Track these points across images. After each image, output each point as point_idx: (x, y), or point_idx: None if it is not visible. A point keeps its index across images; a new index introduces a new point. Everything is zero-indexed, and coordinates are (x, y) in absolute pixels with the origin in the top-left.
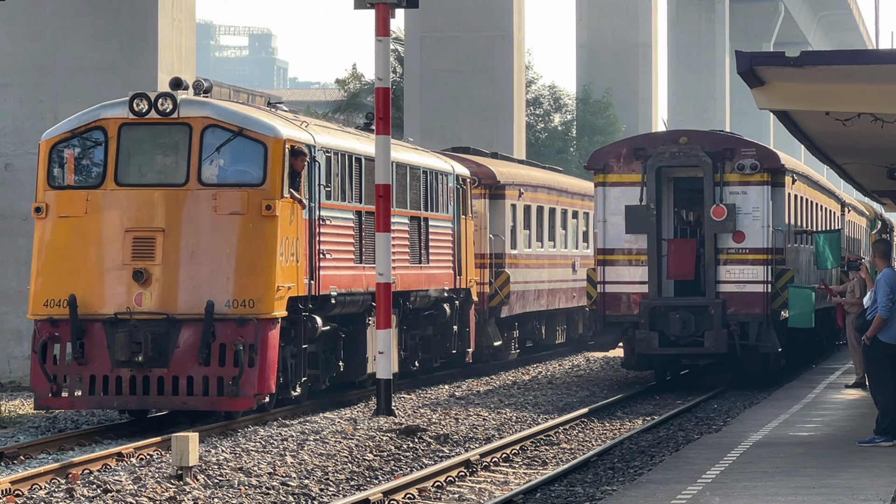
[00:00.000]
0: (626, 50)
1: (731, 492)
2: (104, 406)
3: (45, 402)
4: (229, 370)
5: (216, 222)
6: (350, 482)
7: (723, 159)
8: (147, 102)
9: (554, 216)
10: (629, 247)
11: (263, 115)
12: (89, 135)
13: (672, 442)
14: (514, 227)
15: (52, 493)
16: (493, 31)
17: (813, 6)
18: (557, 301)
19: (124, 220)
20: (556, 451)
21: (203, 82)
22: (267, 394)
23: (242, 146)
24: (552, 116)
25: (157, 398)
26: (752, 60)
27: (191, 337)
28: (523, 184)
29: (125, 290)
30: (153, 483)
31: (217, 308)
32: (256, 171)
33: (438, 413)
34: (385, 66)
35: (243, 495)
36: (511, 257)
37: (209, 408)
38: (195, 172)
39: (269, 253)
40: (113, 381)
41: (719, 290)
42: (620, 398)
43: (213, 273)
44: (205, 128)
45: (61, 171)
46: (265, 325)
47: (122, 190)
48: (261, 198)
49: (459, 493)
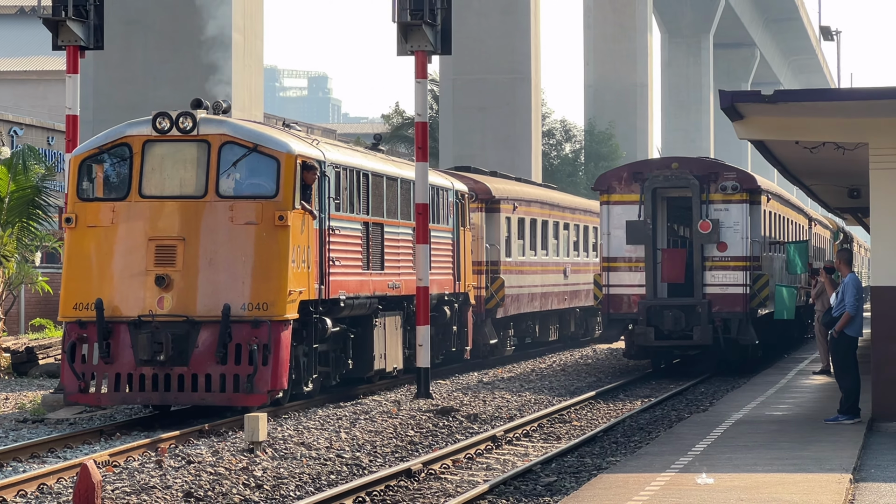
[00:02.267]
0: (627, 89)
1: (717, 462)
2: (128, 401)
3: (74, 398)
4: (244, 368)
5: (232, 231)
6: (395, 454)
7: (708, 182)
8: (169, 121)
9: (546, 228)
10: (629, 255)
11: (277, 132)
12: (115, 151)
13: (666, 420)
14: (509, 237)
15: (144, 464)
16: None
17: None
18: (550, 303)
19: (147, 230)
20: (568, 428)
21: (222, 103)
22: (280, 390)
23: (257, 161)
24: (564, 146)
25: (177, 394)
26: (733, 98)
27: (209, 337)
28: (517, 198)
29: (148, 294)
30: (229, 455)
31: (233, 311)
32: (270, 184)
33: (469, 396)
34: (423, 104)
35: (305, 465)
36: (506, 264)
37: (226, 403)
38: (213, 185)
39: (281, 260)
40: (137, 378)
41: (705, 291)
42: (622, 383)
43: (229, 278)
44: (222, 144)
45: (90, 185)
46: (278, 327)
47: (146, 202)
48: (274, 209)
49: (487, 464)
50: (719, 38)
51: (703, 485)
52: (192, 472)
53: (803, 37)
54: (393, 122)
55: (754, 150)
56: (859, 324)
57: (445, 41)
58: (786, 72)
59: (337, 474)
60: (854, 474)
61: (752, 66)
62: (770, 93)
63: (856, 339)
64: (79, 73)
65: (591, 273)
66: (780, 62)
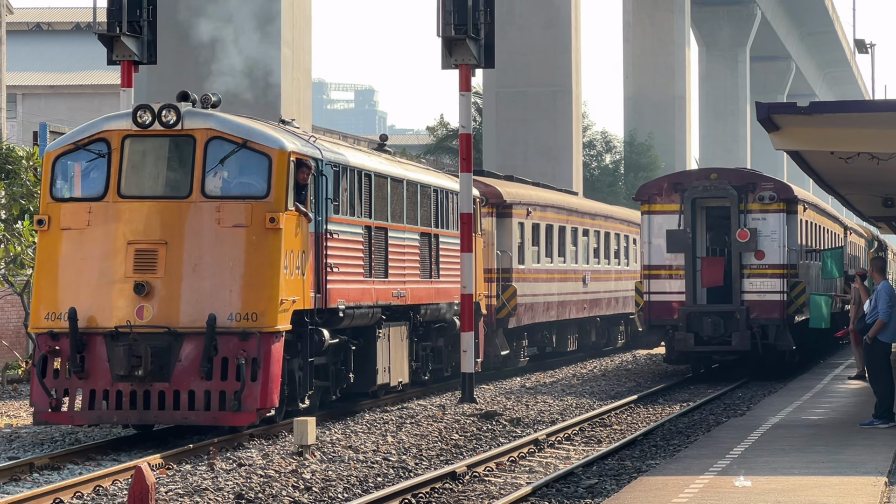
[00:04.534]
0: (665, 101)
1: (754, 465)
2: (104, 421)
3: (44, 417)
4: (231, 384)
5: (219, 235)
6: (440, 457)
7: (746, 192)
8: (150, 114)
9: (564, 234)
10: (669, 263)
11: (268, 127)
12: (92, 147)
13: (704, 424)
14: (522, 243)
15: (196, 466)
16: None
17: (819, 64)
18: (568, 312)
19: (126, 233)
20: (609, 432)
21: (211, 97)
22: (270, 408)
23: (246, 158)
24: (604, 156)
25: (157, 413)
26: (770, 109)
27: (192, 351)
28: (531, 203)
29: (126, 303)
30: (278, 458)
31: (219, 321)
32: (260, 183)
33: (512, 400)
34: (467, 116)
35: (352, 468)
36: (518, 272)
37: (211, 423)
38: (198, 185)
39: (272, 266)
40: (113, 395)
41: (744, 298)
42: (661, 388)
43: (215, 286)
44: (209, 140)
45: (64, 184)
46: (268, 339)
47: (125, 202)
48: (265, 210)
49: (530, 466)
50: (756, 52)
51: (741, 487)
52: (243, 475)
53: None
54: (438, 133)
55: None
56: (893, 330)
57: (489, 55)
58: (821, 84)
59: (384, 476)
60: (889, 477)
61: (787, 78)
62: (806, 104)
63: (889, 345)
64: (132, 86)
65: (612, 281)
66: (816, 74)
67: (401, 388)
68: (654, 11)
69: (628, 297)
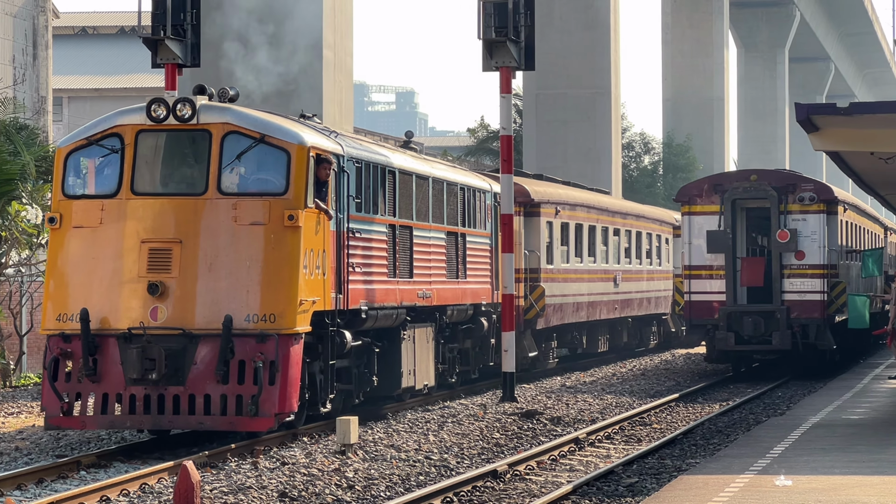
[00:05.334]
0: (704, 103)
1: (795, 465)
2: (117, 426)
3: (56, 422)
4: (248, 388)
5: (236, 233)
6: (481, 456)
7: (786, 193)
8: (165, 108)
9: (594, 233)
10: (710, 264)
11: (287, 122)
12: (105, 142)
13: (744, 423)
14: (551, 243)
15: (240, 464)
16: (594, 88)
17: (858, 65)
18: (598, 313)
19: (140, 231)
20: (648, 431)
21: (228, 90)
22: (289, 413)
23: (264, 153)
24: (643, 158)
25: (172, 417)
26: (809, 110)
27: (208, 353)
28: (560, 202)
29: (140, 303)
30: (321, 457)
31: (236, 323)
32: (279, 179)
33: (552, 399)
34: (508, 118)
35: (395, 467)
36: (547, 272)
37: (227, 428)
38: (214, 181)
39: (291, 265)
40: (126, 399)
41: (784, 298)
42: (701, 387)
43: (232, 286)
44: (225, 134)
45: (76, 180)
46: (287, 341)
47: (139, 199)
48: (283, 207)
49: (570, 465)
50: (794, 53)
51: (781, 486)
52: (287, 473)
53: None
54: (478, 135)
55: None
56: None
57: (529, 57)
58: (860, 84)
59: (425, 475)
60: None
61: (826, 79)
62: (846, 105)
63: None
64: (176, 89)
65: (644, 281)
66: (855, 75)
67: (426, 392)
68: (692, 13)
69: (661, 298)
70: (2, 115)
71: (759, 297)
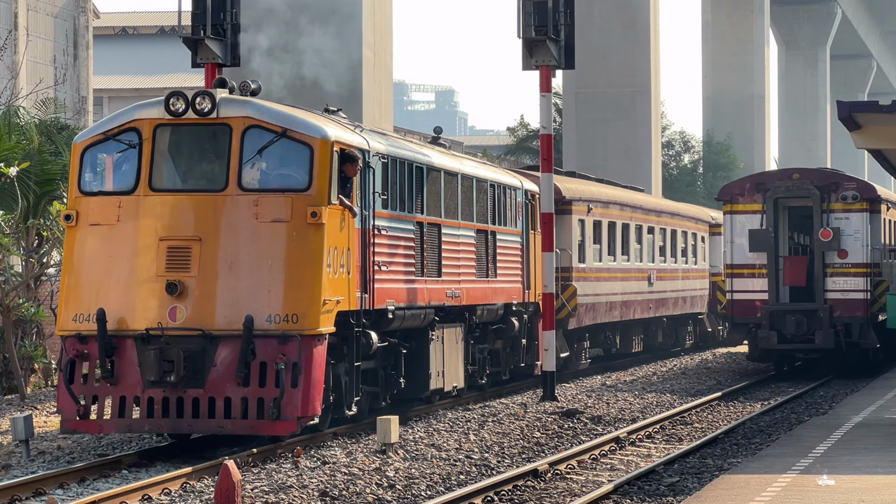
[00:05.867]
0: (744, 101)
1: (837, 464)
2: (134, 430)
3: (72, 426)
4: (270, 391)
5: (257, 231)
6: (522, 455)
7: (829, 191)
8: (184, 101)
9: (628, 231)
10: (752, 262)
11: (310, 115)
12: (122, 137)
13: (786, 422)
14: (583, 241)
15: (281, 464)
16: (634, 87)
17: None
18: (632, 312)
19: (158, 229)
20: (689, 430)
21: (250, 84)
22: (312, 416)
23: (286, 148)
24: (682, 156)
25: (191, 421)
26: (851, 108)
27: (229, 355)
28: (592, 199)
29: (158, 303)
30: (362, 457)
31: (257, 323)
32: (301, 174)
33: (593, 398)
34: (547, 117)
35: (435, 466)
36: (578, 270)
37: (248, 432)
38: (235, 177)
39: (314, 264)
40: (144, 402)
41: (827, 297)
42: (742, 386)
43: (253, 286)
44: (246, 128)
45: (93, 177)
46: (310, 342)
47: (157, 196)
48: (306, 204)
49: (611, 464)
50: (836, 50)
51: (824, 486)
52: (327, 473)
53: None
54: (518, 134)
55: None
56: None
57: (569, 56)
58: None
59: (466, 474)
60: None
61: (868, 76)
62: (888, 102)
63: None
64: None
65: (679, 280)
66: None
67: (455, 393)
68: (733, 11)
69: (696, 297)
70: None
71: (801, 295)
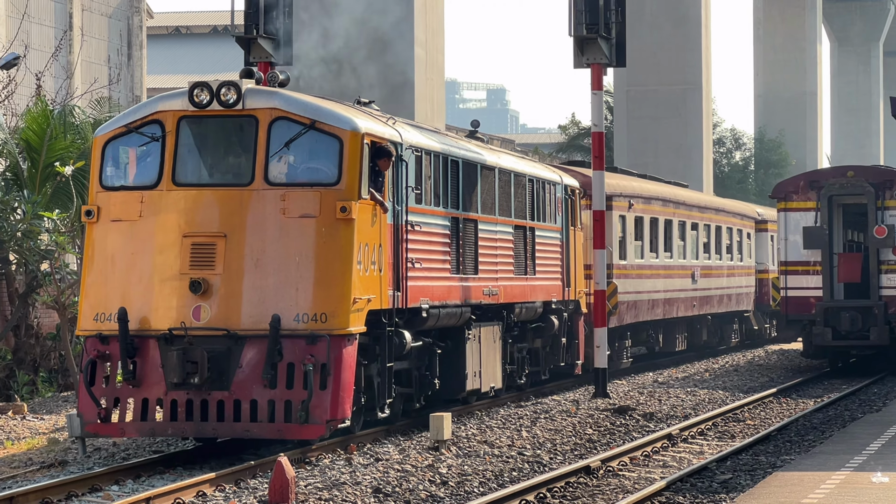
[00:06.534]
0: (796, 98)
1: (892, 461)
2: (157, 433)
3: (93, 429)
4: (298, 393)
5: (284, 226)
6: (574, 452)
7: (883, 189)
8: (209, 93)
9: (671, 228)
10: (807, 259)
11: (340, 107)
12: (145, 129)
13: (839, 420)
14: (624, 237)
15: (335, 461)
16: (685, 84)
17: None
18: (675, 310)
19: (182, 225)
20: (742, 427)
21: (278, 74)
22: (342, 419)
23: (315, 141)
24: (734, 154)
25: (216, 425)
26: None
27: (255, 356)
28: (633, 195)
29: (182, 302)
30: (415, 453)
31: (285, 323)
32: (331, 168)
33: (644, 395)
34: (599, 115)
35: (488, 463)
36: (619, 268)
37: (275, 436)
38: (261, 171)
39: (344, 261)
40: (167, 405)
41: (881, 293)
42: (795, 383)
43: (280, 284)
44: (273, 120)
45: (114, 171)
46: (339, 343)
47: (180, 190)
48: (335, 199)
49: (663, 461)
50: (889, 46)
51: (878, 483)
52: (380, 469)
53: None
54: (569, 132)
55: None
56: None
57: (620, 54)
58: None
59: (518, 471)
60: None
61: None
62: None
63: None
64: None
65: (724, 277)
66: None
67: (493, 394)
68: (785, 8)
69: (742, 294)
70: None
71: (855, 292)
